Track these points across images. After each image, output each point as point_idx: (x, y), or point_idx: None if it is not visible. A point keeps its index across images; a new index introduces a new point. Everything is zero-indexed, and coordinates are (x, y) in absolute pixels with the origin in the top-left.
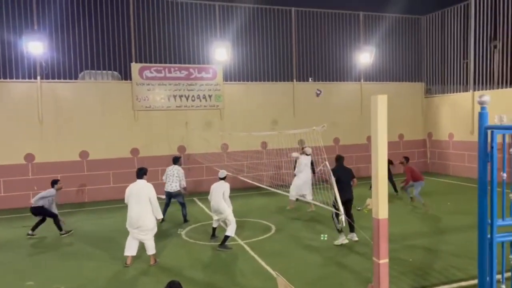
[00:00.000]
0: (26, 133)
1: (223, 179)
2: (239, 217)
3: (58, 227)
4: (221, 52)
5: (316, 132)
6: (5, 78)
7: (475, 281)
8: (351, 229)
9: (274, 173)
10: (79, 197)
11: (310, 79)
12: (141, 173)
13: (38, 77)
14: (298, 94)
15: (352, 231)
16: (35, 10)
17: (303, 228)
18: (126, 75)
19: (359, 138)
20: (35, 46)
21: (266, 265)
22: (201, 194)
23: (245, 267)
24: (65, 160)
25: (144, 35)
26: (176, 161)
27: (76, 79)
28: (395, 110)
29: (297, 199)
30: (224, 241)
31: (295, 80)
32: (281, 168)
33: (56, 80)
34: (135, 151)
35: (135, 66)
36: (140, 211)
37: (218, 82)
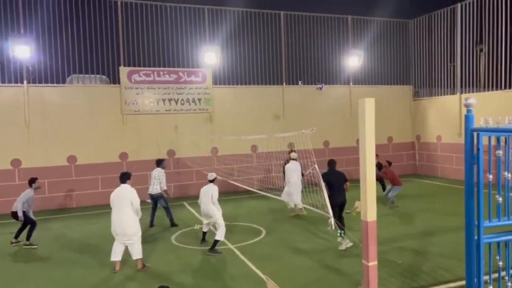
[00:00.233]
0: (13, 138)
1: (212, 182)
2: (230, 221)
3: (29, 235)
4: (211, 56)
5: (305, 135)
6: None
7: (463, 282)
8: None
9: (264, 177)
10: (67, 203)
11: (300, 83)
12: (125, 178)
13: (25, 82)
14: (288, 98)
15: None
16: (22, 13)
17: (294, 231)
18: (115, 79)
19: (349, 141)
20: (22, 50)
21: (256, 269)
22: (191, 198)
23: (235, 271)
24: (53, 165)
25: (133, 39)
26: (159, 164)
27: (64, 83)
28: (384, 113)
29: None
30: (214, 246)
31: (285, 84)
32: (271, 172)
33: (43, 85)
34: (124, 156)
35: (124, 70)
36: (122, 216)
37: (208, 86)
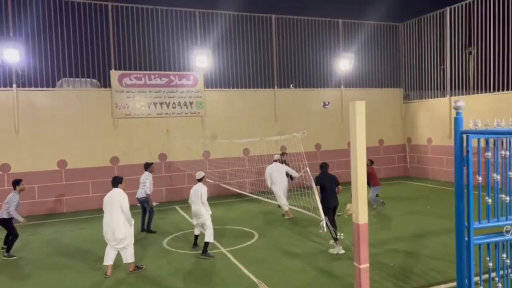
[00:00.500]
0: (2, 143)
1: (200, 181)
2: (221, 225)
3: (10, 246)
4: (202, 59)
5: (297, 138)
6: None
7: (454, 284)
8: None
9: (256, 180)
10: (58, 208)
11: (291, 86)
12: (116, 182)
13: (14, 85)
14: (280, 101)
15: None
16: (11, 16)
17: (286, 234)
18: (105, 83)
19: (340, 144)
20: (11, 54)
21: (249, 273)
22: (182, 202)
23: (227, 275)
24: (43, 170)
25: (124, 42)
26: (147, 168)
27: (54, 87)
28: (375, 116)
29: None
30: (205, 248)
31: (276, 87)
32: (263, 175)
33: (33, 88)
34: (115, 160)
35: (115, 73)
36: (113, 220)
37: (199, 89)
